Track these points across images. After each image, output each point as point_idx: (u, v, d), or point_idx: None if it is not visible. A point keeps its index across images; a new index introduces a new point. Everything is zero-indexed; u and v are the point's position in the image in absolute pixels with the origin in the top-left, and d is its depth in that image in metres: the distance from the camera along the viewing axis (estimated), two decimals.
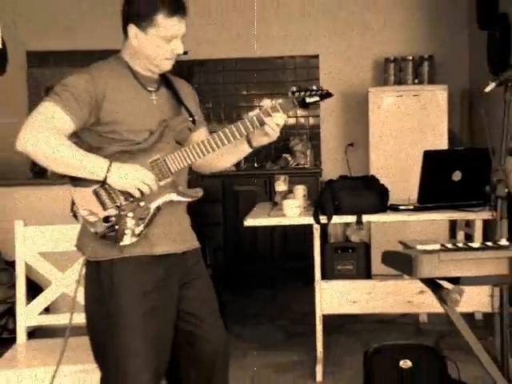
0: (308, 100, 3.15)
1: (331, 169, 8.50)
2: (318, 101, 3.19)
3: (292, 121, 8.92)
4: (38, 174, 7.56)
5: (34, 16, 7.94)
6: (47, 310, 4.04)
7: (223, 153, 3.33)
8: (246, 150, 3.31)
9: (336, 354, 5.24)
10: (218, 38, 8.72)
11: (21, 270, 3.91)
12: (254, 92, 8.99)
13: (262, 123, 3.11)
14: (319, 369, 4.90)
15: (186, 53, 8.63)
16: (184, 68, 8.26)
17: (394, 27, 8.80)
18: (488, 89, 3.23)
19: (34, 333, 4.02)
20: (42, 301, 3.92)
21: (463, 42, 8.72)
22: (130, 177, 2.97)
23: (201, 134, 3.34)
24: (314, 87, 3.16)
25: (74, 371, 3.50)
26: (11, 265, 4.25)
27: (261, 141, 3.23)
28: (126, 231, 3.04)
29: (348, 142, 8.69)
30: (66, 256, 3.87)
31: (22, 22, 7.69)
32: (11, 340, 3.99)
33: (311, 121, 8.94)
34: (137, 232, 3.06)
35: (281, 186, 5.57)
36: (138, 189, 2.98)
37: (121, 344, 3.07)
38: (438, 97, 7.83)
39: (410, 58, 8.38)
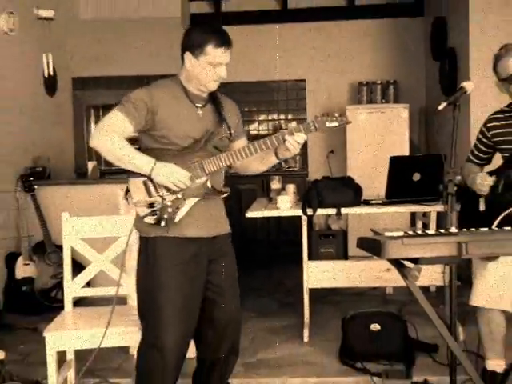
0: (328, 124, 3.21)
1: (316, 171, 8.52)
2: (336, 126, 3.24)
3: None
4: (80, 175, 7.59)
5: (78, 48, 7.95)
6: (88, 284, 4.07)
7: (256, 161, 3.45)
8: (273, 160, 3.39)
9: (319, 320, 5.24)
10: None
11: (67, 252, 3.93)
12: (254, 109, 8.97)
13: (285, 140, 3.17)
14: (306, 331, 4.93)
15: None
16: None
17: (366, 57, 8.80)
18: (440, 107, 3.23)
19: (78, 302, 4.04)
20: (84, 277, 3.94)
21: (421, 70, 8.73)
22: (169, 174, 3.08)
23: (240, 143, 3.43)
24: (336, 114, 3.24)
25: (116, 332, 3.52)
26: (60, 248, 4.28)
27: (284, 154, 3.29)
28: (165, 216, 3.13)
29: (329, 150, 8.70)
30: (103, 241, 3.93)
31: (68, 53, 7.70)
32: (60, 308, 3.99)
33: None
34: (174, 218, 3.16)
35: (275, 184, 5.60)
36: (175, 184, 3.08)
37: (157, 306, 3.17)
38: (401, 113, 7.86)
39: (379, 82, 8.39)
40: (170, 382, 3.27)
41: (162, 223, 3.12)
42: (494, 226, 3.50)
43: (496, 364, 3.73)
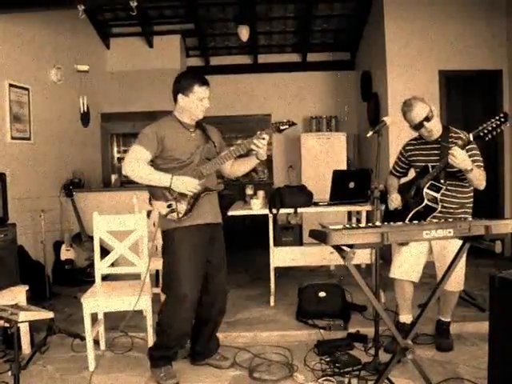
0: (281, 127, 3.31)
1: (279, 180, 8.57)
2: (287, 128, 3.32)
3: (254, 153, 8.89)
4: (106, 185, 7.56)
5: (105, 92, 7.93)
6: (113, 264, 4.05)
7: (241, 164, 3.52)
8: (254, 161, 3.46)
9: (282, 289, 5.23)
10: (210, 104, 8.70)
11: (97, 241, 3.94)
12: (232, 135, 8.89)
13: (252, 143, 3.28)
14: (272, 298, 4.93)
15: None
16: None
17: (315, 99, 8.86)
18: (368, 135, 3.29)
19: (105, 277, 4.03)
20: (109, 259, 3.95)
21: (354, 108, 8.77)
22: (184, 184, 3.16)
23: (213, 151, 3.43)
24: (285, 120, 3.32)
25: (135, 299, 3.53)
26: (91, 238, 4.26)
27: (259, 155, 3.37)
28: (181, 212, 3.22)
29: (289, 165, 8.69)
30: (122, 233, 3.96)
31: (98, 96, 7.67)
32: (92, 281, 3.99)
33: (267, 152, 8.87)
34: (186, 212, 3.24)
35: (249, 191, 5.59)
36: (190, 191, 3.17)
37: (178, 273, 3.24)
38: (340, 139, 7.89)
39: (324, 116, 8.44)
40: (185, 325, 3.36)
41: (180, 216, 3.21)
42: (406, 221, 3.57)
43: (406, 318, 3.81)
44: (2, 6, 4.74)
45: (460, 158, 3.25)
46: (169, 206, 3.22)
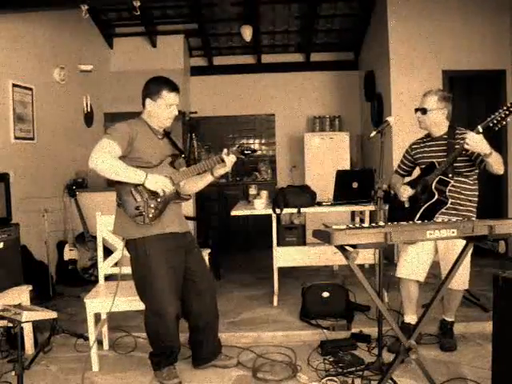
0: (246, 152, 3.24)
1: (282, 180, 8.54)
2: (250, 153, 3.26)
3: (259, 153, 8.93)
4: (109, 184, 7.53)
5: (109, 92, 7.94)
6: (116, 264, 4.05)
7: (196, 180, 3.41)
8: (209, 178, 3.36)
9: (285, 290, 5.24)
10: (214, 104, 8.75)
11: (100, 241, 3.96)
12: (236, 135, 8.90)
13: (223, 160, 3.20)
14: (275, 298, 4.92)
15: (195, 112, 8.51)
16: (194, 121, 8.28)
17: (319, 99, 8.84)
18: (372, 135, 3.28)
19: (108, 277, 4.03)
20: (112, 259, 3.95)
21: (357, 108, 8.77)
22: (158, 181, 3.08)
23: (183, 162, 3.41)
24: (251, 147, 3.36)
25: (135, 299, 3.49)
26: (95, 238, 4.27)
27: (218, 172, 3.29)
28: (150, 215, 3.12)
29: (292, 165, 8.71)
30: None
31: (102, 96, 7.68)
32: (96, 281, 4.01)
33: (271, 152, 8.92)
34: (155, 216, 3.15)
35: (252, 191, 5.60)
36: (163, 189, 3.09)
37: (154, 287, 3.17)
38: (343, 139, 7.88)
39: (328, 116, 8.44)
40: (173, 337, 3.31)
41: (147, 221, 3.12)
42: (417, 216, 3.57)
43: (411, 318, 3.81)
44: (4, 5, 4.75)
45: (475, 142, 3.21)
46: (137, 208, 3.11)
